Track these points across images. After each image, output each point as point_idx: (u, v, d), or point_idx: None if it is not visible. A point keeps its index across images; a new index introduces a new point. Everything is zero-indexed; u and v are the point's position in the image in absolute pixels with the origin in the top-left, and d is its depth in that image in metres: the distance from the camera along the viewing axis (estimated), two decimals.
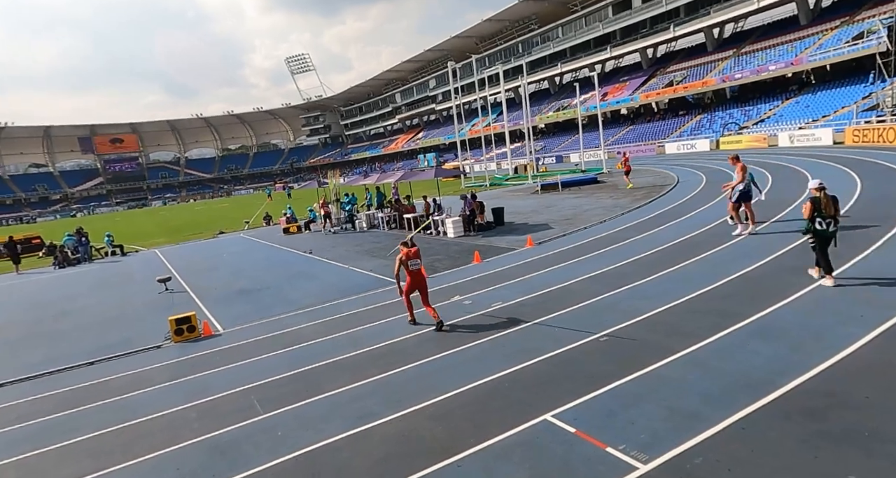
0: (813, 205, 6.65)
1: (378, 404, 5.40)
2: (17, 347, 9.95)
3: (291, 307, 10.06)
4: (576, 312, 7.42)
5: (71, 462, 5.04)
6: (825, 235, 6.67)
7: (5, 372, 8.20)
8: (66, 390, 7.15)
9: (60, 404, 6.63)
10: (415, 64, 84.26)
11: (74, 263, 21.30)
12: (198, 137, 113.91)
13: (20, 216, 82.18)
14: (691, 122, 44.94)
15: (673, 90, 47.32)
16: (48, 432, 5.83)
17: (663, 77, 50.85)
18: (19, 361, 8.87)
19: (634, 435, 4.06)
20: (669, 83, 48.53)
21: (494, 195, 26.91)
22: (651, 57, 55.82)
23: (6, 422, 6.28)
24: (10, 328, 11.52)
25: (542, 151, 56.38)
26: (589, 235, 13.22)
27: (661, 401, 4.54)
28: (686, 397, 4.58)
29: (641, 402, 4.57)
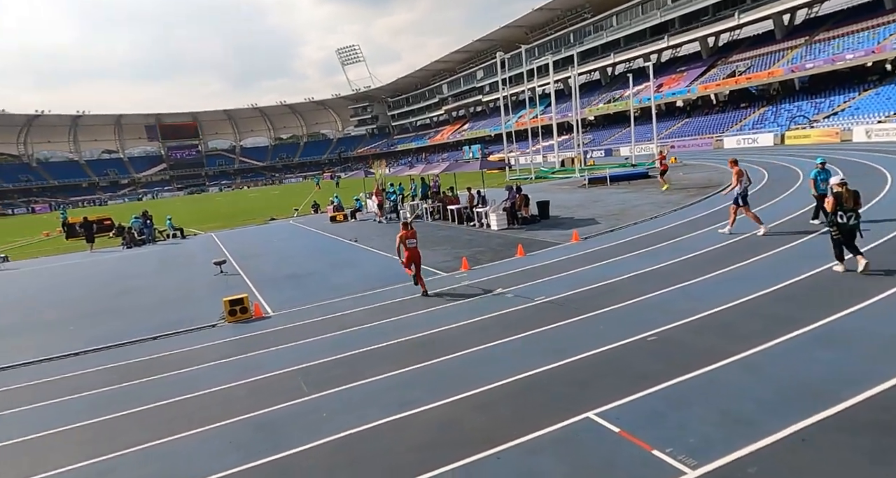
0: (836, 199, 7.10)
1: (419, 391, 5.48)
2: (94, 319, 10.77)
3: (336, 293, 10.34)
4: (622, 310, 7.22)
5: (139, 429, 5.42)
6: (846, 228, 7.08)
7: (83, 342, 8.91)
8: (134, 362, 7.69)
9: (129, 375, 7.15)
10: (463, 55, 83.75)
11: (140, 244, 22.78)
12: (252, 126, 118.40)
13: (93, 199, 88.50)
14: (754, 115, 42.40)
15: (735, 81, 44.73)
16: (119, 399, 6.30)
17: (724, 67, 48.13)
18: (95, 332, 9.60)
19: (683, 439, 3.93)
20: (731, 74, 45.89)
21: (540, 188, 26.50)
22: (712, 46, 52.92)
23: (82, 388, 6.83)
24: (88, 302, 12.48)
25: (590, 143, 54.89)
26: (638, 231, 12.79)
27: (713, 405, 4.35)
28: (740, 402, 4.37)
29: (691, 405, 4.41)
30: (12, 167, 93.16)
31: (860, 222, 7.16)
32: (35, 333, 10.14)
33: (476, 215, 17.38)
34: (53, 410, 6.24)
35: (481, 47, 78.08)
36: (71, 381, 7.18)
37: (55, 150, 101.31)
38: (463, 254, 12.28)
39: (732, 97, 47.88)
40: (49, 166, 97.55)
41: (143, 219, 24.21)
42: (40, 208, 77.56)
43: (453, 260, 12.01)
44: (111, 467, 4.69)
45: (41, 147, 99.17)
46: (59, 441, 5.38)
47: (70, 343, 8.92)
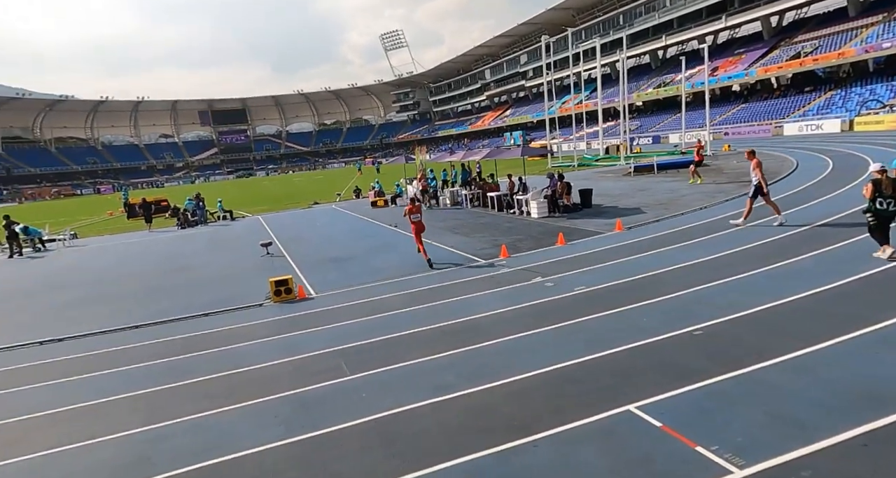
0: (874, 186, 7.17)
1: (455, 376, 5.51)
2: (152, 294, 11.45)
3: (376, 277, 10.51)
4: (666, 302, 6.98)
5: (189, 401, 5.74)
6: (885, 214, 7.18)
7: (142, 316, 9.50)
8: (187, 336, 8.12)
9: (182, 348, 7.56)
10: (507, 39, 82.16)
11: (193, 225, 23.94)
12: (298, 112, 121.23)
13: (151, 181, 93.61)
14: (819, 99, 39.56)
15: (799, 63, 41.76)
16: (173, 371, 6.68)
17: (788, 48, 44.99)
18: (153, 306, 10.22)
19: (730, 437, 3.77)
20: (796, 55, 42.86)
21: (583, 176, 25.87)
22: (775, 26, 49.52)
23: (139, 359, 7.29)
24: (147, 278, 13.26)
25: (637, 130, 52.94)
26: (686, 221, 12.29)
27: (762, 405, 4.15)
28: (792, 403, 4.15)
29: (739, 403, 4.22)
30: (81, 150, 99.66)
31: None
32: (100, 305, 10.89)
33: (516, 203, 17.18)
34: (114, 378, 6.69)
35: (526, 31, 76.29)
36: (130, 352, 7.68)
37: (118, 134, 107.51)
38: (502, 241, 12.18)
39: (796, 80, 44.79)
40: (112, 149, 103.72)
41: (197, 201, 25.38)
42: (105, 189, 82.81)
43: (492, 247, 11.95)
44: (165, 435, 5.00)
45: (105, 131, 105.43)
46: (118, 407, 5.77)
47: (130, 316, 9.52)
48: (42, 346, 8.43)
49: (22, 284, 14.38)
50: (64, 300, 11.70)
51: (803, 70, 42.11)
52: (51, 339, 8.62)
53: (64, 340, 8.56)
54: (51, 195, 76.47)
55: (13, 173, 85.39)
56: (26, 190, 78.42)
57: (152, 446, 4.78)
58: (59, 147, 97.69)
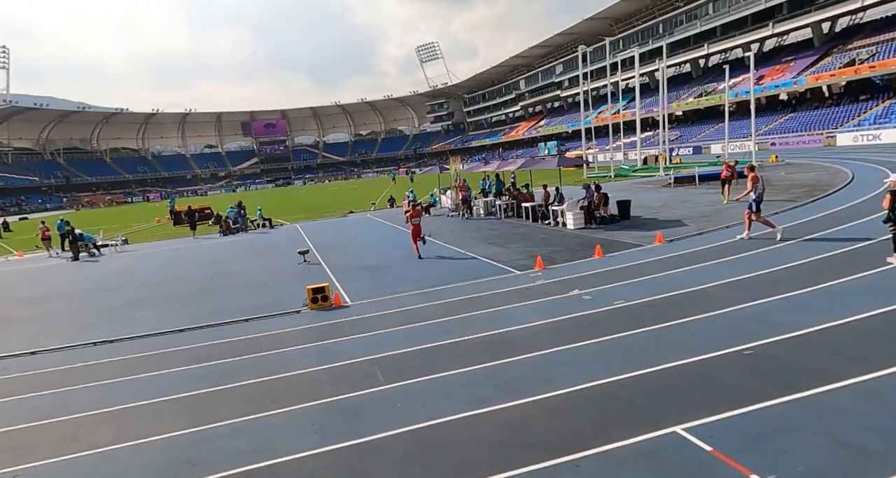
0: (893, 197, 7.38)
1: (491, 390, 5.44)
2: (196, 298, 11.88)
3: (411, 286, 10.55)
4: (713, 319, 6.69)
5: (231, 404, 5.88)
6: None
7: (187, 319, 9.85)
8: (229, 341, 8.36)
9: (224, 352, 7.78)
10: (542, 49, 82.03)
11: (235, 232, 24.77)
12: (335, 122, 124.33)
13: (195, 189, 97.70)
14: (877, 108, 37.52)
15: (854, 70, 39.78)
16: (215, 375, 6.88)
17: (841, 55, 43.00)
18: (197, 310, 10.60)
19: (789, 466, 3.54)
20: (850, 62, 40.88)
21: (620, 187, 25.34)
22: (827, 32, 47.47)
23: (185, 362, 7.55)
24: (192, 283, 13.78)
25: (676, 140, 51.58)
26: (731, 235, 11.80)
27: (824, 432, 3.89)
28: (858, 431, 3.87)
29: (797, 430, 3.97)
30: (132, 160, 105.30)
31: None
32: (149, 308, 11.36)
33: (552, 213, 16.97)
34: (161, 380, 6.94)
35: (561, 41, 75.99)
36: (176, 354, 7.96)
37: (166, 144, 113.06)
38: (537, 252, 12.03)
39: (850, 89, 42.69)
40: (161, 159, 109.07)
41: (238, 209, 26.29)
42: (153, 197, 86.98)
43: (527, 259, 11.82)
44: (208, 437, 5.13)
45: (155, 142, 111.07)
46: (165, 409, 5.96)
47: (176, 320, 9.89)
48: (95, 347, 8.85)
49: (78, 287, 15.19)
50: (116, 303, 12.27)
51: (859, 78, 40.06)
52: (103, 340, 9.05)
53: (115, 341, 8.96)
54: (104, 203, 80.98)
55: (72, 182, 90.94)
56: (83, 198, 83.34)
57: (196, 449, 4.91)
58: (113, 157, 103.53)
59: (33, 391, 6.95)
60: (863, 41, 42.64)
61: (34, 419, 5.98)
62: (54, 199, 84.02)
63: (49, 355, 8.61)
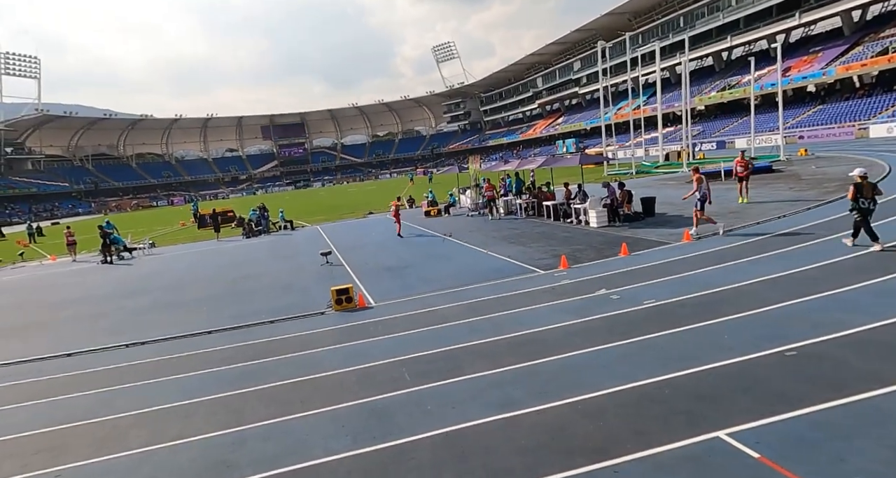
0: (856, 189, 8.63)
1: (521, 392, 5.34)
2: (222, 300, 12.04)
3: (434, 287, 10.50)
4: (750, 318, 6.46)
5: (262, 406, 5.90)
6: (865, 211, 8.61)
7: (214, 321, 9.97)
8: (256, 342, 8.42)
9: (253, 354, 7.84)
10: (559, 46, 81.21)
11: (257, 234, 25.09)
12: (352, 124, 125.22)
13: (217, 193, 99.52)
14: None
15: (888, 59, 38.29)
16: (245, 376, 6.92)
17: (873, 44, 41.48)
18: (224, 312, 10.72)
19: (846, 475, 3.37)
20: (883, 51, 39.37)
21: (643, 183, 24.91)
22: (857, 20, 45.82)
23: (215, 363, 7.63)
24: (217, 285, 13.97)
25: (699, 135, 50.45)
26: (763, 231, 11.46)
27: (882, 439, 3.69)
28: None
29: (852, 436, 3.77)
30: (157, 165, 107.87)
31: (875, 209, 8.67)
32: (177, 310, 11.56)
33: (574, 212, 16.73)
34: (193, 381, 7.02)
35: (579, 38, 75.12)
36: (207, 356, 8.05)
37: (189, 149, 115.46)
38: (561, 251, 11.86)
39: (883, 78, 41.12)
40: (184, 163, 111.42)
41: (260, 211, 26.63)
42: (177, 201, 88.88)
43: (551, 258, 11.65)
44: (241, 439, 5.14)
45: (178, 147, 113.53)
46: (198, 410, 6.02)
47: (205, 321, 10.03)
48: (127, 348, 9.02)
49: (109, 290, 15.55)
50: (146, 304, 12.52)
51: (893, 66, 38.53)
52: (135, 342, 9.22)
53: (147, 343, 9.13)
54: (131, 207, 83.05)
55: (100, 187, 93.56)
56: (111, 202, 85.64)
57: (231, 450, 4.93)
58: (138, 162, 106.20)
59: (70, 392, 7.11)
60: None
61: (73, 420, 6.11)
62: (84, 204, 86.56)
63: (84, 357, 8.81)
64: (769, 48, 50.22)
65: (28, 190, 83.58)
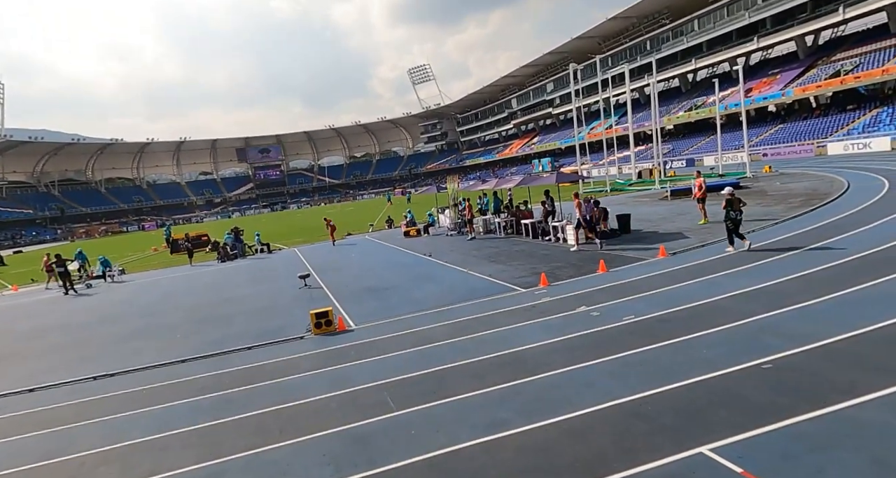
0: (727, 203, 10.83)
1: (509, 412, 5.29)
2: (197, 326, 11.68)
3: (415, 308, 10.42)
4: (727, 332, 6.60)
5: (240, 436, 5.69)
6: (737, 221, 10.87)
7: (189, 349, 9.65)
8: (234, 370, 8.16)
9: (230, 382, 7.58)
10: (533, 68, 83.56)
11: (233, 258, 24.57)
12: (329, 146, 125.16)
13: (191, 217, 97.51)
14: (864, 117, 38.18)
15: (840, 81, 40.57)
16: (222, 406, 6.68)
17: (826, 67, 43.93)
18: (199, 339, 10.40)
19: None
20: (835, 73, 41.73)
21: (617, 201, 25.45)
22: (810, 45, 48.60)
23: (190, 393, 7.34)
24: (192, 311, 13.57)
25: (669, 153, 52.13)
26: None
27: (860, 449, 3.77)
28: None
29: (831, 448, 3.85)
30: (128, 189, 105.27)
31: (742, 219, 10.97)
32: (150, 338, 11.14)
33: (552, 229, 16.95)
34: (167, 413, 6.74)
35: (551, 60, 77.49)
36: (180, 386, 7.75)
37: (162, 173, 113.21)
38: (541, 269, 11.96)
39: (836, 99, 43.48)
40: (157, 188, 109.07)
41: (235, 235, 26.16)
42: (149, 225, 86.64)
43: (531, 276, 11.73)
44: (219, 472, 4.94)
45: (150, 171, 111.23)
46: (173, 443, 5.76)
47: (178, 350, 9.68)
48: (96, 381, 8.63)
49: (76, 319, 14.94)
50: (117, 334, 12.05)
51: (845, 88, 40.81)
52: (104, 374, 8.83)
53: (116, 375, 8.74)
54: (99, 233, 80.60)
55: (67, 213, 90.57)
56: (78, 229, 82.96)
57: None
58: (108, 187, 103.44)
59: (33, 431, 6.72)
60: (846, 53, 43.63)
61: (35, 460, 5.76)
62: (49, 231, 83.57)
63: (49, 392, 8.38)
64: (731, 70, 52.73)
65: None
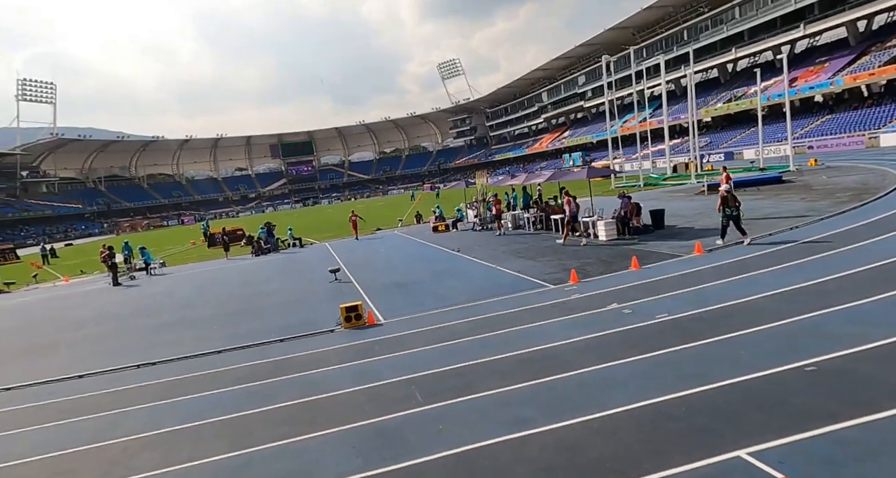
0: (723, 200, 11.30)
1: (534, 410, 5.24)
2: (232, 319, 12.04)
3: (443, 303, 10.43)
4: (766, 333, 6.33)
5: (272, 426, 5.84)
6: (732, 217, 11.33)
7: (224, 341, 9.97)
8: (266, 361, 8.38)
9: (262, 373, 7.79)
10: (564, 61, 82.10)
11: (266, 252, 25.21)
12: (359, 141, 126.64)
13: (226, 211, 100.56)
14: None
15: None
16: (254, 397, 6.86)
17: (880, 53, 41.40)
18: (233, 331, 10.72)
19: None
20: (891, 60, 39.23)
21: (651, 196, 24.80)
22: (863, 31, 45.87)
23: (224, 384, 7.58)
24: (227, 303, 14.00)
25: (706, 147, 50.38)
26: (775, 242, 11.32)
27: None
28: None
29: (879, 455, 3.64)
30: (168, 185, 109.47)
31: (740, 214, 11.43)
32: (188, 329, 11.57)
33: (582, 225, 16.66)
34: (202, 402, 6.98)
35: (583, 52, 75.92)
36: (216, 376, 8.01)
37: (200, 169, 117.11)
38: (571, 265, 11.78)
39: (892, 88, 40.91)
40: (194, 183, 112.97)
41: (268, 229, 26.81)
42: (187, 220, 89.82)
43: (560, 272, 11.57)
44: (248, 461, 5.08)
45: (189, 167, 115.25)
46: (208, 432, 5.96)
47: (214, 341, 10.02)
48: (138, 369, 9.02)
49: (121, 309, 15.63)
50: (157, 324, 12.57)
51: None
52: (146, 363, 9.22)
53: (157, 364, 9.12)
54: (142, 227, 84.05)
55: (112, 208, 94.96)
56: (123, 223, 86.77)
57: (240, 472, 4.86)
58: (149, 183, 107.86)
59: (80, 415, 7.09)
60: None
61: (82, 443, 6.07)
62: (96, 224, 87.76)
63: (94, 379, 8.82)
64: (774, 59, 50.37)
65: (42, 212, 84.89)
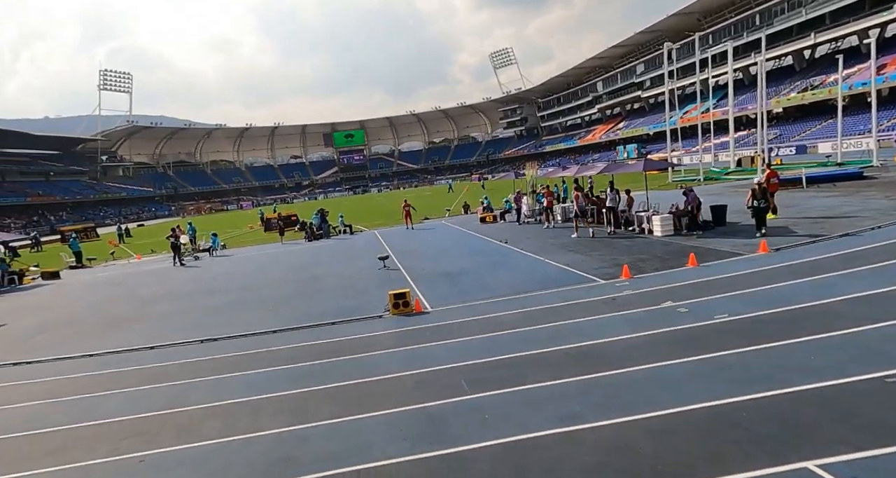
0: (752, 193, 12.06)
1: (582, 406, 5.16)
2: (287, 301, 12.56)
3: (490, 294, 10.42)
4: (841, 339, 5.90)
5: (325, 405, 6.08)
6: (760, 210, 12.07)
7: (280, 321, 10.43)
8: (318, 343, 8.71)
9: (316, 354, 8.10)
10: (621, 49, 78.86)
11: (318, 238, 26.06)
12: (409, 131, 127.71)
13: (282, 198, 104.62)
14: None
15: None
16: (309, 376, 7.16)
17: None
18: (288, 312, 11.20)
19: None
20: None
21: (712, 191, 23.55)
22: None
23: (279, 362, 7.95)
24: (282, 286, 14.60)
25: (775, 139, 47.11)
26: (853, 243, 10.49)
27: None
28: None
29: None
30: (229, 171, 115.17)
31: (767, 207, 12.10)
32: (246, 308, 12.21)
33: (636, 219, 16.09)
34: (261, 378, 7.36)
35: (643, 40, 72.60)
36: (272, 354, 8.42)
37: (258, 156, 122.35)
38: (623, 261, 11.44)
39: None
40: (253, 170, 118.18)
41: (321, 216, 27.67)
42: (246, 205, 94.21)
43: (612, 267, 11.26)
44: (305, 436, 5.32)
45: (248, 154, 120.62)
46: (267, 406, 6.29)
47: (271, 321, 10.51)
48: (202, 344, 9.63)
49: (188, 287, 16.69)
50: (220, 302, 13.34)
51: None
52: (209, 338, 9.83)
53: (219, 340, 9.70)
54: (205, 211, 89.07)
55: (178, 192, 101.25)
56: (188, 206, 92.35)
57: (296, 446, 5.10)
58: (212, 169, 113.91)
59: (154, 383, 7.66)
60: None
61: (157, 409, 6.57)
62: (164, 207, 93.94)
63: (164, 350, 9.50)
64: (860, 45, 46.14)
65: (119, 195, 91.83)
